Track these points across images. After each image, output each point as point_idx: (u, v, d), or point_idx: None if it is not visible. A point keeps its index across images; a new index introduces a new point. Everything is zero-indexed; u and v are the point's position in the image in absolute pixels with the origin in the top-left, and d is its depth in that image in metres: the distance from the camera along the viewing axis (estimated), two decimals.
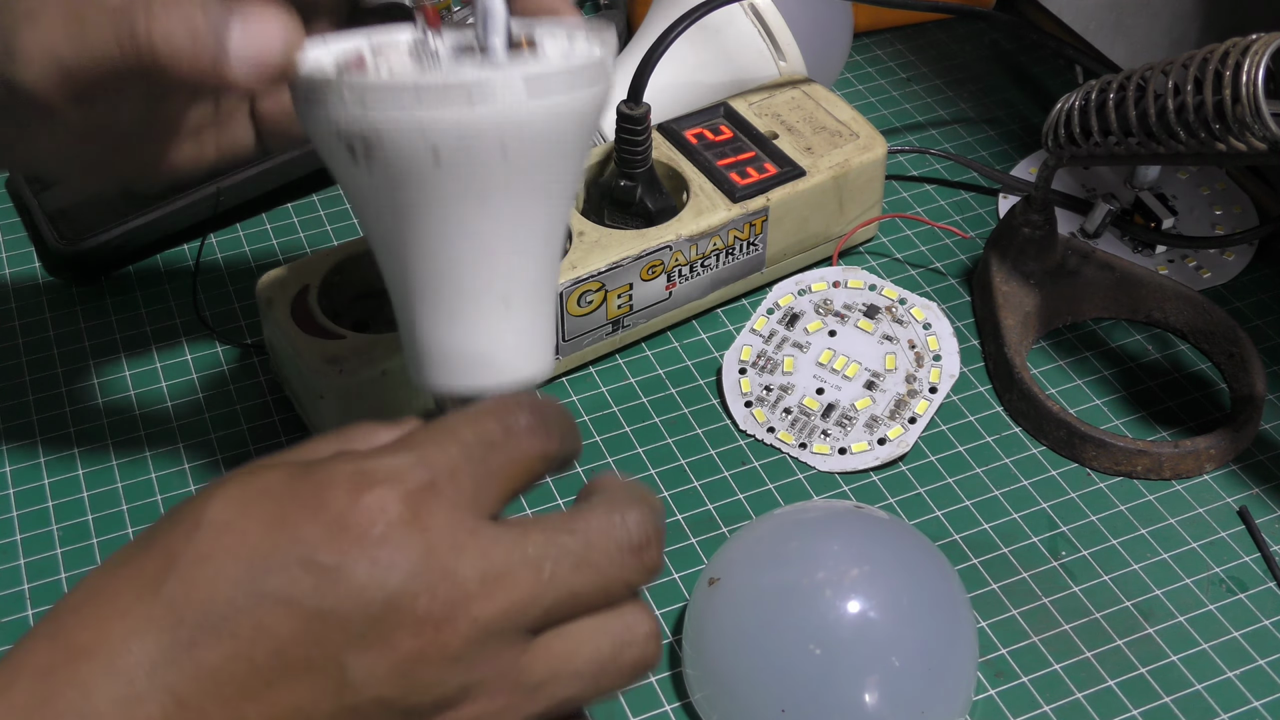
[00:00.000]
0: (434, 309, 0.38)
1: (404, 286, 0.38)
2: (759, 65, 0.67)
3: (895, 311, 0.60)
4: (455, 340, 0.38)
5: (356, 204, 0.38)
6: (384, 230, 0.37)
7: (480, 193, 0.35)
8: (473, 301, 0.38)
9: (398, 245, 0.37)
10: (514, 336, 0.38)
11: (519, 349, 0.39)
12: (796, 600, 0.45)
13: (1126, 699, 0.48)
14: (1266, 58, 0.47)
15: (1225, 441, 0.56)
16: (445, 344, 0.38)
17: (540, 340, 0.39)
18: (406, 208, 0.36)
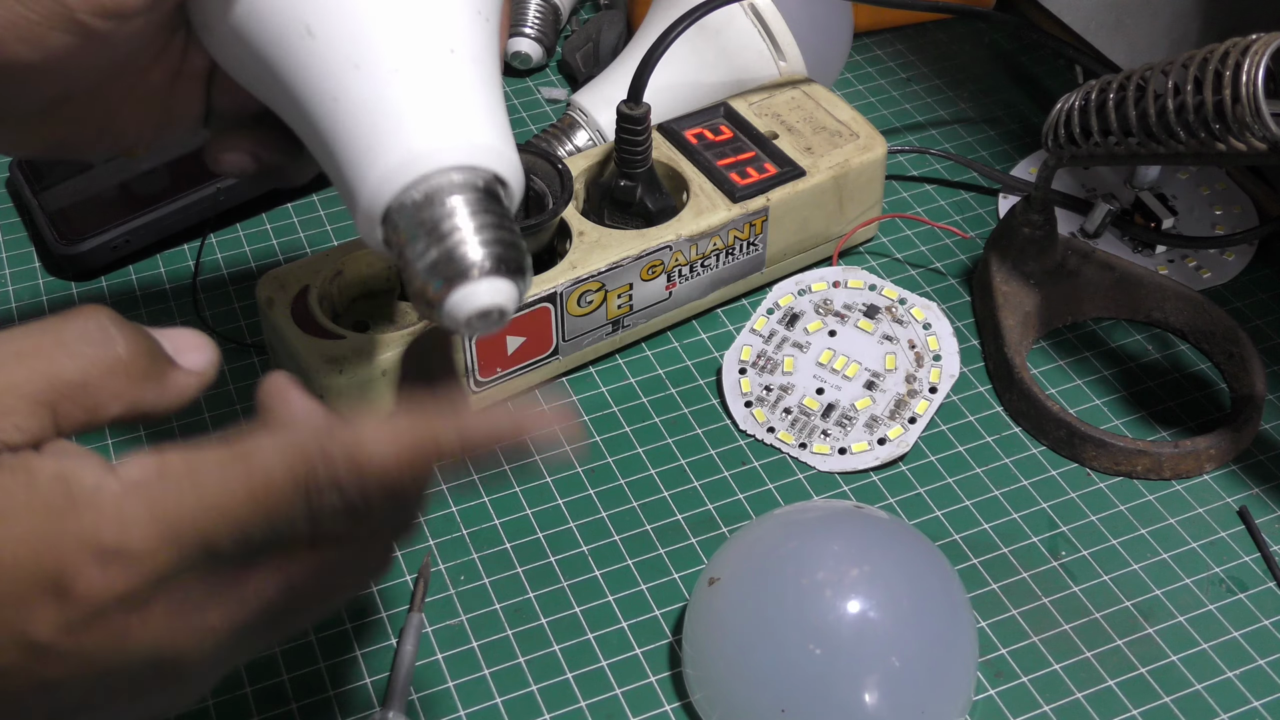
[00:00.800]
0: (373, 65, 0.35)
1: (335, 54, 0.35)
2: (759, 65, 0.67)
3: (895, 311, 0.60)
4: (400, 95, 0.35)
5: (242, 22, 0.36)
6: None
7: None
8: (419, 49, 0.35)
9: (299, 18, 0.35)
10: (473, 92, 0.35)
11: (484, 111, 0.35)
12: (796, 600, 0.45)
13: (1126, 699, 0.48)
14: (1266, 58, 0.47)
15: (1225, 441, 0.56)
16: (388, 104, 0.35)
17: (503, 116, 0.36)
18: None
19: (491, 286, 0.34)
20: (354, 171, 0.35)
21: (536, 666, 0.50)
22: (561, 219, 0.59)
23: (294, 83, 0.36)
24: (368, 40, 0.34)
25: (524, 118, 0.77)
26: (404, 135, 0.34)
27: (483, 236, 0.34)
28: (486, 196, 0.35)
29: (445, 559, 0.53)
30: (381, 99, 0.34)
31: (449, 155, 0.34)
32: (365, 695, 0.49)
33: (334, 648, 0.50)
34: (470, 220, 0.34)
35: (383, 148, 0.34)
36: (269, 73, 0.37)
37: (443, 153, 0.34)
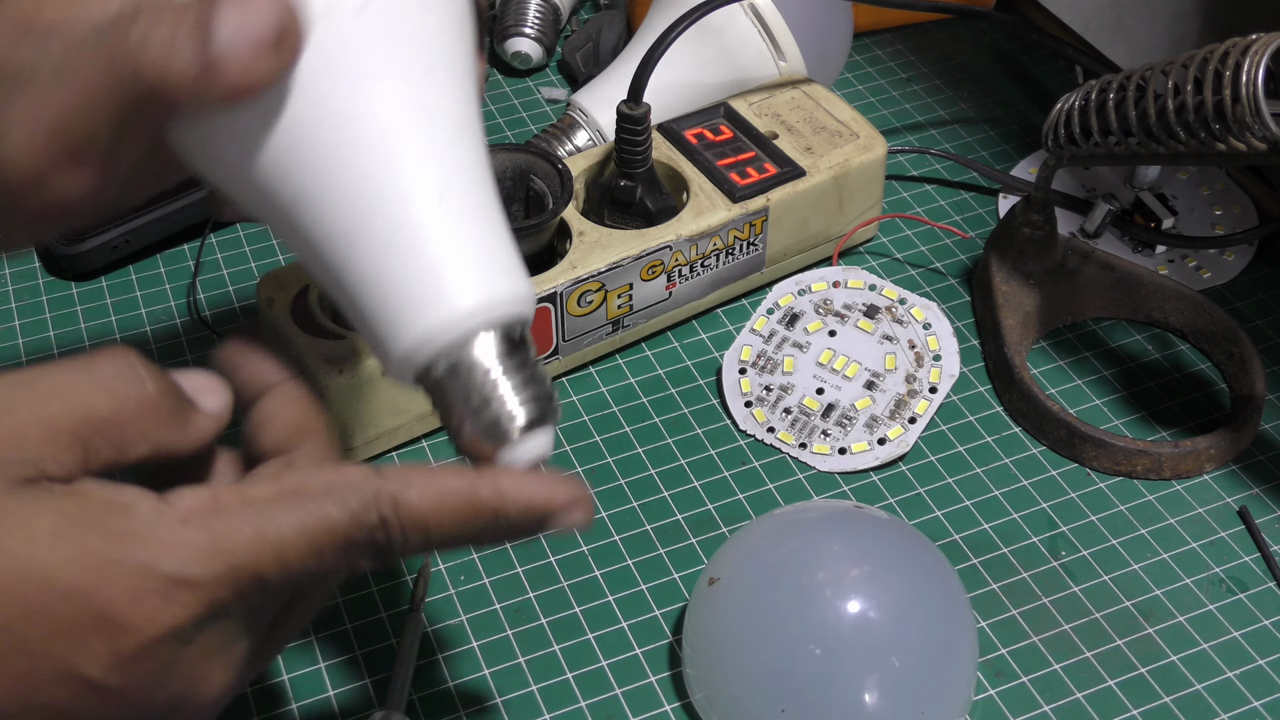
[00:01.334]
0: (367, 239, 0.34)
1: (328, 227, 0.34)
2: (759, 65, 0.67)
3: (895, 311, 0.60)
4: (402, 270, 0.34)
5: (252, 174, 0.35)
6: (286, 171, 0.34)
7: (358, 65, 0.33)
8: (408, 209, 0.34)
9: (298, 183, 0.34)
10: (477, 240, 0.34)
11: (491, 259, 0.34)
12: (796, 600, 0.45)
13: (1126, 699, 0.48)
14: (1266, 58, 0.47)
15: (1225, 441, 0.56)
16: (393, 281, 0.34)
17: (510, 252, 0.35)
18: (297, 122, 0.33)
19: (532, 443, 0.35)
20: (374, 344, 0.35)
21: (536, 666, 0.50)
22: (561, 219, 0.59)
23: (298, 246, 0.36)
24: (357, 210, 0.34)
25: (524, 118, 0.77)
26: (412, 311, 0.34)
27: (515, 399, 0.35)
28: (508, 348, 0.35)
29: (445, 559, 0.53)
30: (384, 272, 0.34)
31: (459, 325, 0.34)
32: (365, 695, 0.49)
33: (334, 648, 0.50)
34: (500, 383, 0.35)
35: (395, 326, 0.34)
36: (271, 223, 0.36)
37: (456, 323, 0.34)
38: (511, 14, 0.79)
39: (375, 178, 0.34)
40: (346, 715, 0.48)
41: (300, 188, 0.34)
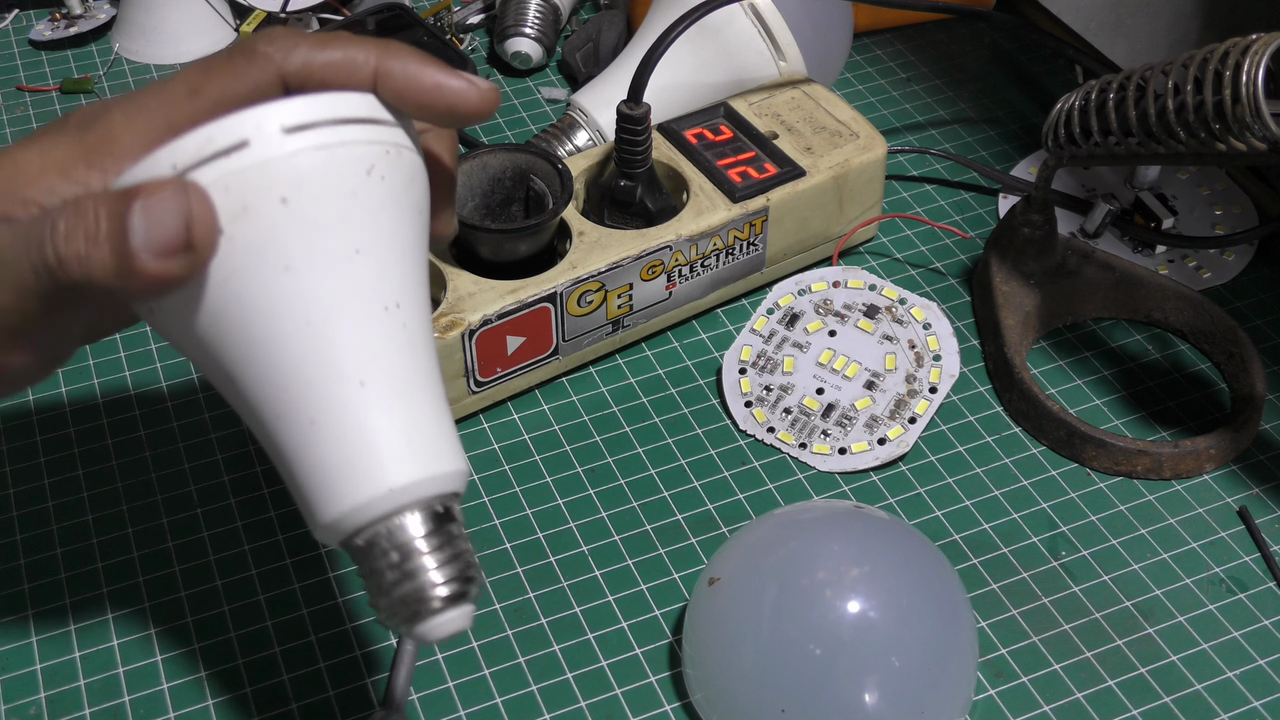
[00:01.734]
0: (292, 420, 0.35)
1: (257, 403, 0.36)
2: (759, 65, 0.67)
3: (895, 311, 0.60)
4: (326, 448, 0.35)
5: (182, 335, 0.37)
6: (216, 351, 0.36)
7: (281, 257, 0.35)
8: (325, 393, 0.35)
9: (230, 360, 0.36)
10: (391, 426, 0.35)
11: (406, 441, 0.35)
12: (796, 600, 0.45)
13: (1126, 699, 0.48)
14: (1266, 58, 0.47)
15: (1225, 441, 0.56)
16: (318, 457, 0.35)
17: (433, 433, 0.36)
18: (219, 308, 0.35)
19: (447, 620, 0.36)
20: (300, 507, 0.36)
21: (536, 666, 0.50)
22: (561, 219, 0.59)
23: (237, 408, 0.37)
24: (282, 391, 0.35)
25: (524, 118, 0.77)
26: (333, 489, 0.35)
27: (430, 578, 0.36)
28: (429, 523, 0.36)
29: None
30: (308, 450, 0.35)
31: (379, 505, 0.35)
32: (365, 695, 0.49)
33: (334, 648, 0.50)
34: (416, 562, 0.35)
35: (318, 500, 0.35)
36: (215, 384, 0.38)
37: (372, 505, 0.35)
38: (511, 14, 0.79)
39: (298, 362, 0.35)
40: (346, 715, 0.48)
41: (230, 364, 0.35)
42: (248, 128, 0.34)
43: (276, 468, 0.36)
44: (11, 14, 0.85)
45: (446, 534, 0.36)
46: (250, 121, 0.34)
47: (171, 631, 0.51)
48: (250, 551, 0.53)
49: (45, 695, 0.49)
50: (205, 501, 0.55)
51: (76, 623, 0.51)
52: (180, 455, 0.57)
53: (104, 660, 0.50)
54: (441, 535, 0.36)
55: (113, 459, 0.57)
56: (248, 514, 0.55)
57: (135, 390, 0.60)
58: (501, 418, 0.59)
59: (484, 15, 0.83)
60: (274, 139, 0.34)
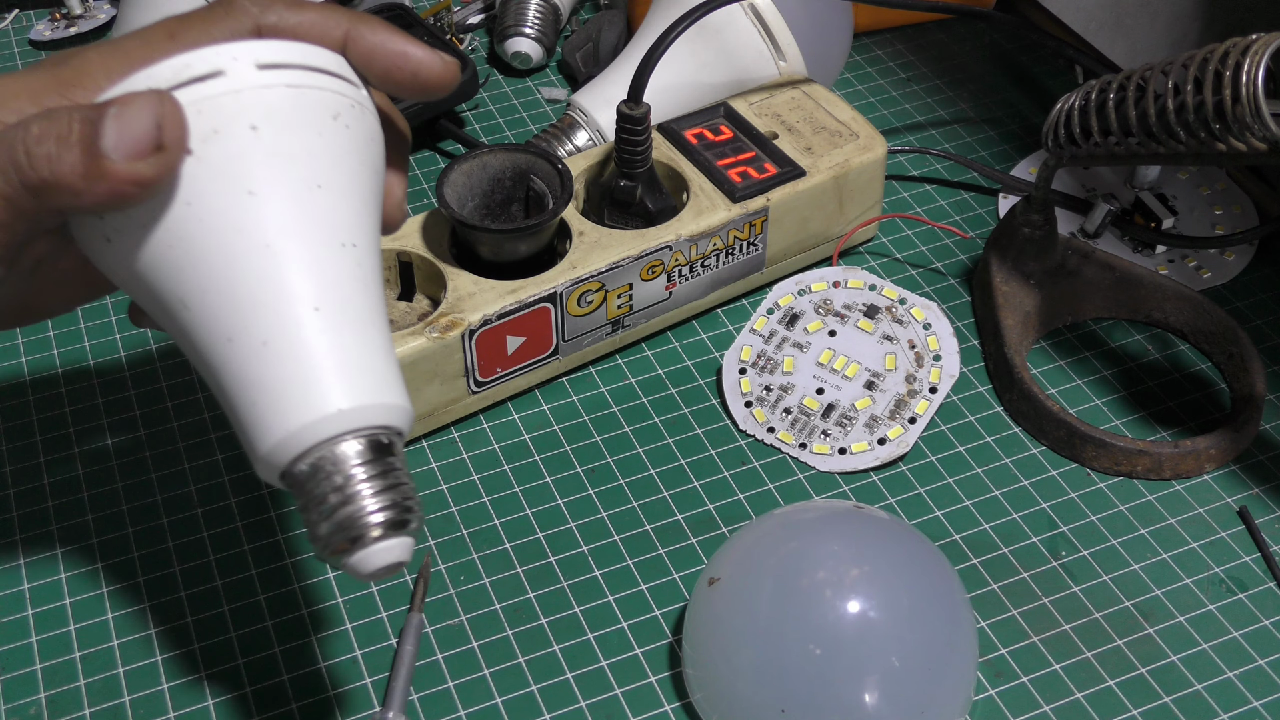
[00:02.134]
0: (244, 342, 0.36)
1: (210, 327, 0.36)
2: (759, 65, 0.67)
3: (895, 311, 0.60)
4: (275, 369, 0.36)
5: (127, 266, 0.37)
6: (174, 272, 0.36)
7: (246, 180, 0.36)
8: (279, 315, 0.36)
9: (186, 284, 0.36)
10: (342, 351, 0.36)
11: (355, 367, 0.36)
12: (796, 600, 0.45)
13: (1126, 699, 0.48)
14: (1266, 58, 0.47)
15: (1225, 441, 0.56)
16: (267, 377, 0.36)
17: (381, 366, 0.37)
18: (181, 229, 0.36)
19: (385, 548, 0.36)
20: (243, 438, 0.37)
21: (536, 666, 0.50)
22: (561, 219, 0.59)
23: (183, 343, 0.38)
24: (237, 313, 0.36)
25: (524, 118, 0.77)
26: (281, 411, 0.35)
27: (370, 504, 0.36)
28: (372, 453, 0.36)
29: (445, 559, 0.53)
30: (257, 373, 0.36)
31: (326, 426, 0.35)
32: (365, 695, 0.49)
33: (334, 648, 0.50)
34: (356, 488, 0.36)
35: (264, 424, 0.36)
36: (163, 323, 0.38)
37: (317, 426, 0.35)
38: (511, 14, 0.79)
39: (256, 283, 0.36)
40: (346, 715, 0.48)
41: (187, 288, 0.36)
42: (224, 59, 0.36)
43: (220, 398, 0.37)
44: (11, 14, 0.85)
45: (388, 464, 0.36)
46: (226, 54, 0.36)
47: (171, 631, 0.51)
48: (250, 551, 0.53)
49: (45, 695, 0.49)
50: (205, 501, 0.55)
51: (76, 622, 0.51)
52: (180, 455, 0.57)
53: (104, 660, 0.50)
54: (384, 464, 0.36)
55: (113, 459, 0.57)
56: (248, 514, 0.55)
57: (135, 390, 0.60)
58: (501, 418, 0.59)
59: (484, 15, 0.83)
60: (248, 71, 0.36)
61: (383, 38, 0.40)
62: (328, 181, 0.37)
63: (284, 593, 0.52)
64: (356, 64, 0.40)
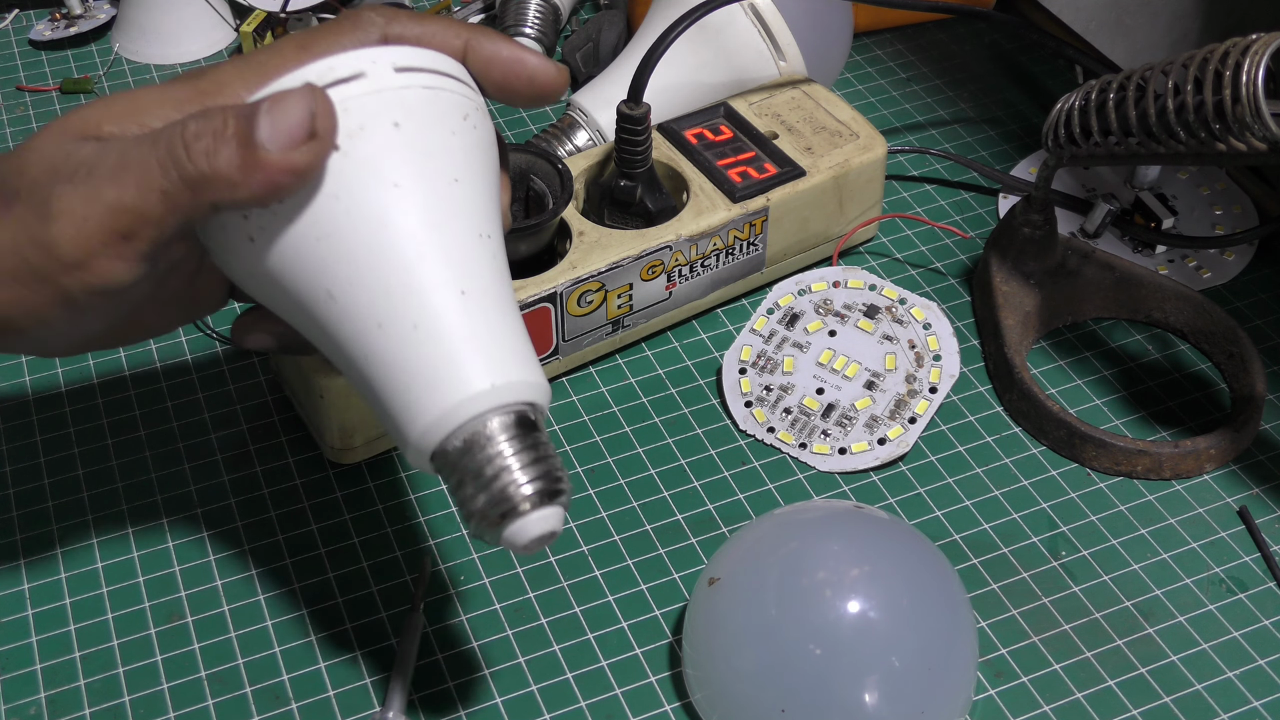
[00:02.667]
0: (394, 326, 0.38)
1: (359, 315, 0.38)
2: (759, 65, 0.67)
3: (895, 311, 0.60)
4: (426, 352, 0.38)
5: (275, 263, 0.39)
6: (318, 266, 0.38)
7: (391, 174, 0.38)
8: (430, 299, 0.38)
9: (334, 275, 0.38)
10: (489, 330, 0.38)
11: (501, 345, 0.38)
12: (796, 600, 0.45)
13: (1126, 699, 0.48)
14: (1266, 58, 0.47)
15: (1225, 441, 0.56)
16: (418, 361, 0.38)
17: (524, 346, 0.39)
18: (330, 222, 0.38)
19: (540, 517, 0.39)
20: (394, 424, 0.38)
21: (536, 666, 0.50)
22: (561, 219, 0.59)
23: (324, 338, 0.39)
24: (387, 300, 0.38)
25: (524, 118, 0.77)
26: (434, 390, 0.37)
27: (524, 475, 0.38)
28: (520, 428, 0.38)
29: (445, 559, 0.53)
30: (408, 357, 0.38)
31: (477, 403, 0.37)
32: (365, 695, 0.49)
33: (334, 648, 0.50)
34: (510, 460, 0.38)
35: (417, 405, 0.38)
36: (298, 321, 0.40)
37: (471, 402, 0.37)
38: (511, 14, 0.79)
39: (404, 271, 0.38)
40: (346, 715, 0.48)
41: (334, 280, 0.38)
42: (364, 62, 0.38)
43: (367, 388, 0.39)
44: (11, 14, 0.85)
45: (536, 439, 0.39)
46: (366, 58, 0.38)
47: (171, 631, 0.51)
48: (250, 551, 0.53)
49: (45, 695, 0.49)
50: (205, 501, 0.55)
51: (76, 622, 0.51)
52: (180, 455, 0.57)
53: (104, 660, 0.50)
54: (532, 438, 0.38)
55: (113, 459, 0.57)
56: (248, 514, 0.55)
57: (135, 390, 0.60)
58: None
59: (484, 15, 0.83)
60: (387, 73, 0.38)
61: (500, 46, 0.42)
62: (464, 176, 0.39)
63: (284, 593, 0.52)
64: (475, 72, 0.42)
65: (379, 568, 0.53)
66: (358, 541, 0.54)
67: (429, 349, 0.37)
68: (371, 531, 0.54)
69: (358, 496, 0.55)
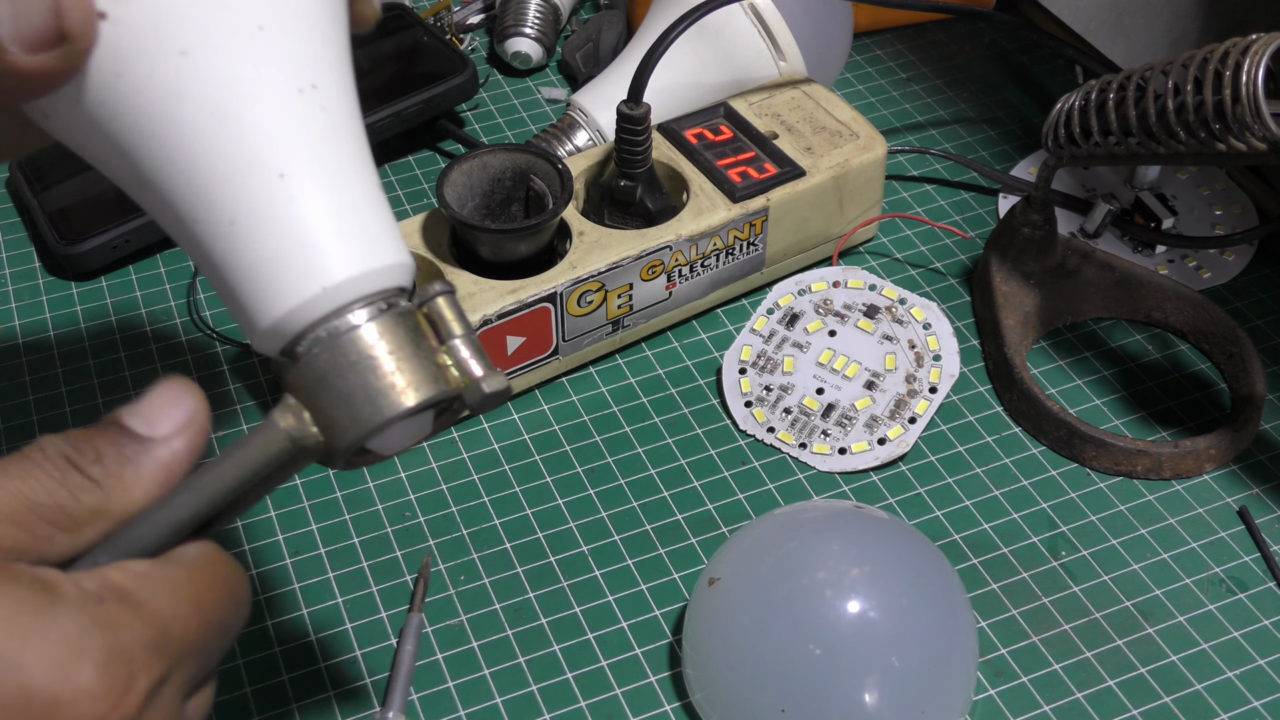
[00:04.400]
0: (212, 223, 0.32)
1: (171, 207, 0.32)
2: (759, 65, 0.67)
3: (895, 311, 0.60)
4: (251, 249, 0.32)
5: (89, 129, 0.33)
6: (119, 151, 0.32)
7: (174, 38, 0.31)
8: (240, 189, 0.32)
9: (138, 162, 0.32)
10: (320, 220, 0.32)
11: (338, 234, 0.32)
12: (796, 600, 0.45)
13: (1126, 699, 0.48)
14: (1266, 58, 0.47)
15: (1225, 441, 0.56)
16: (246, 260, 0.32)
17: (367, 224, 0.33)
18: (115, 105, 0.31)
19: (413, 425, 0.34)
20: (237, 318, 0.34)
21: (536, 666, 0.50)
22: (561, 219, 0.59)
23: (158, 219, 0.34)
24: (195, 191, 0.32)
25: (524, 118, 0.77)
26: (263, 297, 0.32)
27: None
28: (377, 320, 0.33)
29: (445, 559, 0.53)
30: (231, 255, 0.32)
31: (313, 309, 0.32)
32: (365, 695, 0.49)
33: (334, 648, 0.50)
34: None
35: (251, 310, 0.33)
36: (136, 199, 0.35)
37: (305, 309, 0.32)
38: (511, 14, 0.79)
39: (207, 157, 0.32)
40: (346, 715, 0.48)
41: (139, 166, 0.32)
42: None
43: (208, 278, 0.34)
44: None
45: (399, 333, 0.33)
46: None
47: None
48: (250, 551, 0.53)
49: None
50: None
51: None
52: None
53: None
54: (395, 335, 0.33)
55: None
56: (247, 514, 0.55)
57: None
58: (501, 417, 0.59)
59: (484, 15, 0.83)
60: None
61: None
62: (269, 20, 0.32)
63: (284, 593, 0.52)
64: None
65: (379, 568, 0.53)
66: (358, 541, 0.54)
67: (250, 248, 0.32)
68: (371, 531, 0.54)
69: (358, 496, 0.55)
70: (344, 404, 0.32)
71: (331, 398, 0.32)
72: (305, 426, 0.33)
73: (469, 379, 0.34)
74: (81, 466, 0.31)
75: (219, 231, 0.32)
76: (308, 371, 0.33)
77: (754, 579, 0.46)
